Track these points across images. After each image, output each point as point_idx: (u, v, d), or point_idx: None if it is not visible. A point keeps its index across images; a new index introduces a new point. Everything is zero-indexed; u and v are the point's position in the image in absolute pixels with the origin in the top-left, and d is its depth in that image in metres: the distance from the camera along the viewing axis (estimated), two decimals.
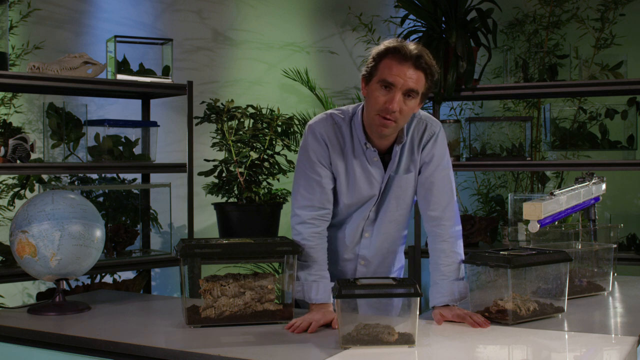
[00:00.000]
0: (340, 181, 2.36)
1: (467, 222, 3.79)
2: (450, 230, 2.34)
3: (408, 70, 2.17)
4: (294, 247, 2.23)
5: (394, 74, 2.17)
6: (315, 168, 2.33)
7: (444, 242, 2.33)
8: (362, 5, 4.97)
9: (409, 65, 2.17)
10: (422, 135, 2.35)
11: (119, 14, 4.39)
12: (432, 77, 2.22)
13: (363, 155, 2.33)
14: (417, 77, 2.18)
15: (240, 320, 2.18)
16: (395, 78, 2.17)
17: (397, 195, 2.39)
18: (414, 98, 2.21)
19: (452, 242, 2.33)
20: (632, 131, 3.76)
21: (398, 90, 2.18)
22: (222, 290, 2.17)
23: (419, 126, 2.36)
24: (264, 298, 2.21)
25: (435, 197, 2.35)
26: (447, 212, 2.34)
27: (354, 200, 2.38)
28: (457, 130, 3.91)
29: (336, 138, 2.33)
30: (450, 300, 2.27)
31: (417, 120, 2.36)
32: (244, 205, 3.70)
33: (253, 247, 2.22)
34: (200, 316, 2.17)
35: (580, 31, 4.47)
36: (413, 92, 2.19)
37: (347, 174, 2.35)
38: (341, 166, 2.34)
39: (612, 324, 2.27)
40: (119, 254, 3.40)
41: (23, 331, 2.20)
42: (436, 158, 2.35)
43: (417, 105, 2.25)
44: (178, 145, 4.18)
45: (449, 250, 2.32)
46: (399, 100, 2.18)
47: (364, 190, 2.36)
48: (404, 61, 2.17)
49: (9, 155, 2.99)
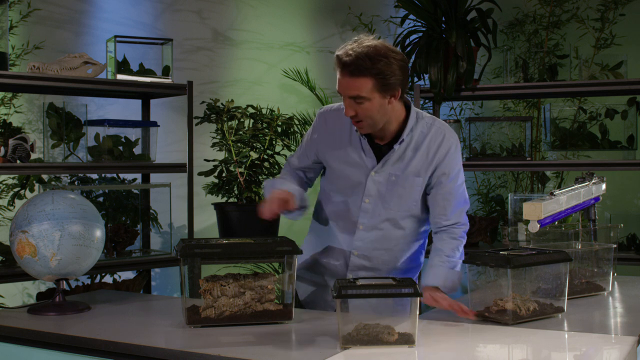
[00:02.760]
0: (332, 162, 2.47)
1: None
2: (462, 232, 2.45)
3: (344, 79, 2.23)
4: (293, 247, 2.22)
5: (338, 84, 2.27)
6: (307, 144, 2.54)
7: (455, 240, 2.43)
8: (362, 5, 4.97)
9: (346, 74, 2.22)
10: (439, 146, 2.39)
11: (119, 14, 4.39)
12: (382, 72, 2.21)
13: (358, 142, 2.41)
14: (355, 84, 2.21)
15: (240, 320, 2.17)
16: (339, 88, 2.27)
17: (400, 194, 2.41)
18: (366, 101, 2.23)
19: (462, 242, 2.45)
20: (632, 131, 3.76)
21: (345, 98, 2.26)
22: (222, 290, 2.17)
23: (436, 136, 2.40)
24: (264, 298, 2.20)
25: (454, 207, 2.43)
26: (463, 217, 2.46)
27: (341, 183, 2.46)
28: (457, 130, 3.91)
29: (340, 124, 2.43)
30: (442, 285, 2.35)
31: (435, 129, 2.40)
32: (244, 205, 3.70)
33: (253, 247, 2.21)
34: (200, 316, 2.16)
35: (580, 31, 4.47)
36: (358, 98, 2.23)
37: (338, 157, 2.45)
38: (337, 148, 2.45)
39: (612, 323, 2.27)
40: (119, 254, 3.40)
41: (23, 331, 2.20)
42: (455, 171, 2.42)
43: (379, 103, 2.26)
44: (178, 145, 4.18)
45: (457, 246, 2.43)
46: (349, 106, 2.26)
47: (354, 176, 2.42)
48: (342, 71, 2.24)
49: (9, 155, 2.99)
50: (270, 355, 1.87)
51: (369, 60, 2.19)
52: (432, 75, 3.70)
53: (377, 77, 2.21)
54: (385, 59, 2.20)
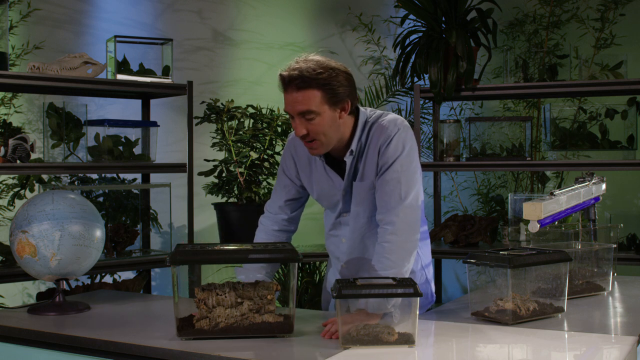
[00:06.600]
0: (310, 188, 2.44)
1: (467, 222, 3.79)
2: (387, 236, 2.20)
3: (291, 94, 2.18)
4: (292, 254, 2.06)
5: (285, 104, 2.22)
6: (281, 175, 2.50)
7: (380, 245, 2.21)
8: (362, 5, 4.97)
9: (292, 89, 2.18)
10: (379, 140, 2.28)
11: (119, 14, 4.39)
12: (328, 83, 2.16)
13: (321, 163, 2.37)
14: (303, 98, 2.16)
15: (235, 332, 2.02)
16: (287, 107, 2.22)
17: (358, 202, 2.34)
18: (316, 116, 2.18)
19: (387, 247, 2.18)
20: (632, 131, 3.76)
21: (295, 116, 2.20)
22: (218, 299, 2.04)
23: (378, 132, 2.29)
24: (263, 309, 2.05)
25: (381, 201, 2.25)
26: (390, 216, 2.21)
27: (324, 203, 2.44)
28: (457, 130, 3.91)
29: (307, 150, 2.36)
30: (364, 305, 2.11)
31: (377, 126, 2.29)
32: (244, 205, 3.71)
33: (249, 254, 2.07)
34: (192, 327, 2.03)
35: (580, 31, 4.47)
36: (308, 113, 2.18)
37: (311, 182, 2.42)
38: (308, 174, 2.42)
39: (612, 323, 2.27)
40: (119, 254, 3.40)
41: (23, 331, 2.20)
42: (388, 160, 2.25)
43: (330, 117, 2.20)
44: (178, 145, 4.18)
45: (382, 253, 2.19)
46: (300, 125, 2.20)
47: (330, 196, 2.39)
48: (287, 88, 2.19)
49: (9, 155, 2.99)
50: (270, 355, 1.87)
51: (314, 72, 2.15)
52: (432, 75, 3.70)
53: (325, 88, 2.16)
54: (330, 70, 2.17)
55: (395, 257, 2.18)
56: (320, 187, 2.40)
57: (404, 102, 4.90)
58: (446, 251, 3.78)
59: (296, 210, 2.52)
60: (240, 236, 3.66)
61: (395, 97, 4.88)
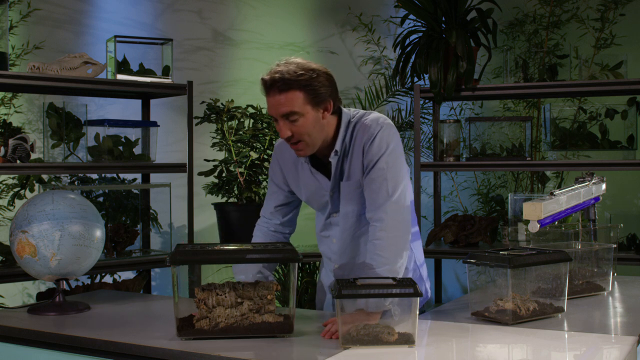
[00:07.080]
0: (298, 192, 2.46)
1: (467, 222, 3.79)
2: (377, 233, 2.20)
3: (274, 97, 2.21)
4: (292, 254, 2.07)
5: (268, 107, 2.24)
6: (269, 182, 2.53)
7: (371, 242, 2.22)
8: (362, 5, 4.97)
9: (274, 92, 2.21)
10: (363, 138, 2.29)
11: (119, 14, 4.39)
12: (310, 84, 2.19)
13: (307, 166, 2.39)
14: (286, 99, 2.19)
15: (235, 332, 2.02)
16: (270, 110, 2.24)
17: (347, 202, 2.35)
18: (300, 117, 2.20)
19: (379, 244, 2.19)
20: (632, 131, 3.76)
21: (278, 119, 2.23)
22: (218, 299, 2.05)
23: (361, 131, 2.30)
24: (263, 309, 2.06)
25: (369, 199, 2.27)
26: (379, 213, 2.22)
27: (314, 205, 2.45)
28: (457, 130, 3.91)
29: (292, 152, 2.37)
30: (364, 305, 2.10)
31: (360, 126, 2.30)
32: (244, 205, 3.71)
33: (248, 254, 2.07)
34: (192, 327, 2.04)
35: (580, 31, 4.47)
36: (291, 114, 2.20)
37: (299, 185, 2.43)
38: (296, 178, 2.43)
39: (612, 323, 2.27)
40: (119, 254, 3.40)
41: (23, 331, 2.20)
42: (373, 158, 2.26)
43: (313, 118, 2.22)
44: (178, 145, 4.18)
45: (374, 251, 2.19)
46: (284, 127, 2.22)
47: (318, 198, 2.40)
48: (270, 91, 2.22)
49: (9, 155, 2.99)
50: (270, 355, 1.87)
51: (295, 74, 2.18)
52: (432, 75, 3.70)
53: (306, 88, 2.19)
54: (311, 71, 2.20)
55: (387, 254, 2.18)
56: (308, 190, 2.42)
57: (404, 102, 4.90)
58: (446, 251, 3.78)
59: (288, 215, 2.54)
60: (240, 236, 3.66)
61: (395, 97, 4.88)
